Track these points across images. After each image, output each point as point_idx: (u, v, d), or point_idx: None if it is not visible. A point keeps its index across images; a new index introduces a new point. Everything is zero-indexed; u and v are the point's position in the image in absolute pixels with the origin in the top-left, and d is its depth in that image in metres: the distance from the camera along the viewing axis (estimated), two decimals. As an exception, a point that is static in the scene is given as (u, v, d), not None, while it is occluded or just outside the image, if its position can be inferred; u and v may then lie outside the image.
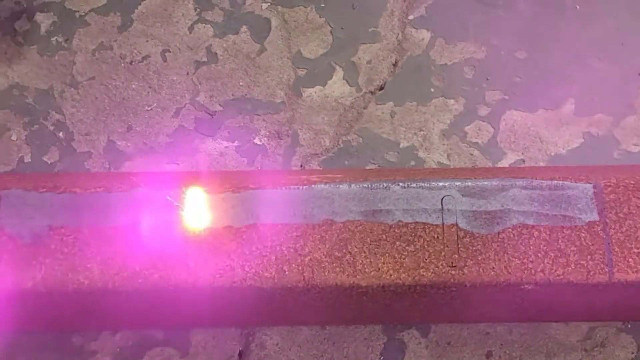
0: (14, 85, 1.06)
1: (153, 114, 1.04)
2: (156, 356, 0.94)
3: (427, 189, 0.85)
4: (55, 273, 0.81)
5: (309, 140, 1.03)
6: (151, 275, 0.82)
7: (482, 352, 0.93)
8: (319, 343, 0.94)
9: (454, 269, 0.82)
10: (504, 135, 1.03)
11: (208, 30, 1.08)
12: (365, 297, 0.84)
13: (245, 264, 0.82)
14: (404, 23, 1.09)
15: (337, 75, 1.06)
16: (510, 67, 1.06)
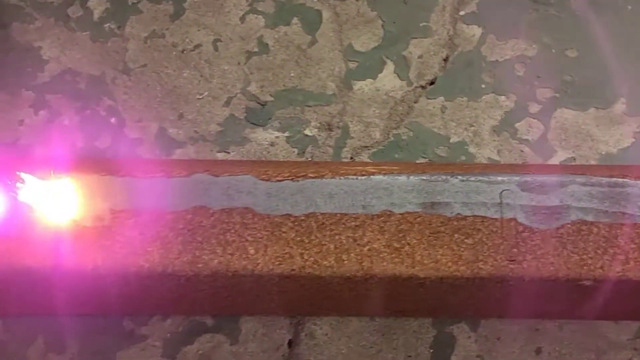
0: (66, 70, 1.06)
1: (204, 102, 1.05)
2: (206, 342, 0.94)
3: (486, 182, 0.85)
4: (115, 256, 0.82)
5: (360, 133, 1.03)
6: (211, 261, 0.82)
7: (532, 348, 0.94)
8: (368, 334, 0.95)
9: (513, 263, 0.82)
10: (555, 133, 1.03)
11: (260, 20, 1.09)
12: (422, 288, 0.84)
13: (304, 252, 0.83)
14: (455, 19, 1.09)
15: (388, 68, 1.06)
16: (561, 66, 1.06)
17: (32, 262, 0.82)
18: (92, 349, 0.94)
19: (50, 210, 0.82)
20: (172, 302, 0.91)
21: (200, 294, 0.87)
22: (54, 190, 0.82)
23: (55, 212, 0.82)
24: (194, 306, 0.93)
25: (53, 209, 0.82)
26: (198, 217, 0.83)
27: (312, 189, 0.85)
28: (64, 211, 0.82)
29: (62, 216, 0.82)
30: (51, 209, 0.82)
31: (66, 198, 0.83)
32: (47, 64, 1.06)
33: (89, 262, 0.82)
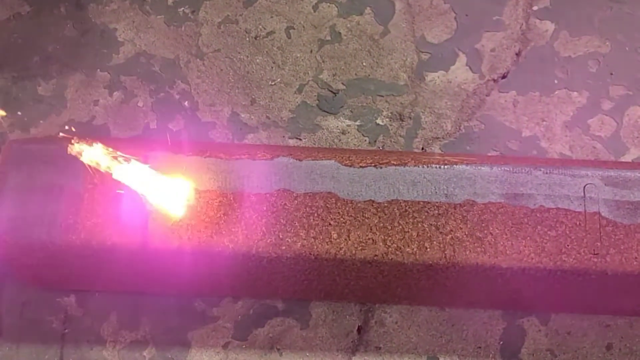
0: (141, 53, 1.07)
1: (276, 88, 1.06)
2: (277, 326, 0.95)
3: (570, 176, 0.85)
4: (200, 235, 0.83)
5: (431, 124, 1.04)
6: (294, 244, 0.83)
7: (602, 344, 0.94)
8: (438, 324, 0.95)
9: (597, 256, 0.82)
10: (627, 130, 1.02)
11: (332, 9, 1.09)
12: (502, 279, 0.85)
13: (387, 238, 0.83)
14: (528, 13, 1.09)
15: (461, 61, 1.06)
16: (634, 63, 1.05)
17: (118, 239, 0.83)
18: (164, 327, 0.95)
19: (141, 189, 0.83)
20: (246, 285, 0.92)
21: (279, 276, 0.88)
22: (148, 172, 0.83)
23: (145, 191, 0.83)
24: (267, 289, 0.94)
25: (143, 188, 0.83)
26: (282, 199, 0.84)
27: (395, 176, 0.85)
28: (153, 191, 0.83)
29: (152, 195, 0.83)
30: (142, 188, 0.83)
31: (156, 178, 0.84)
32: (122, 45, 1.08)
33: (175, 240, 0.83)
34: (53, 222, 0.82)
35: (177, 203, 0.84)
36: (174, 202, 0.84)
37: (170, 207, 0.84)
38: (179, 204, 0.84)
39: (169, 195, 0.84)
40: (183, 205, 0.84)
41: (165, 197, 0.84)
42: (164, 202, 0.84)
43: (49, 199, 0.82)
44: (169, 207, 0.84)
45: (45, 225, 0.81)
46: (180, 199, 0.84)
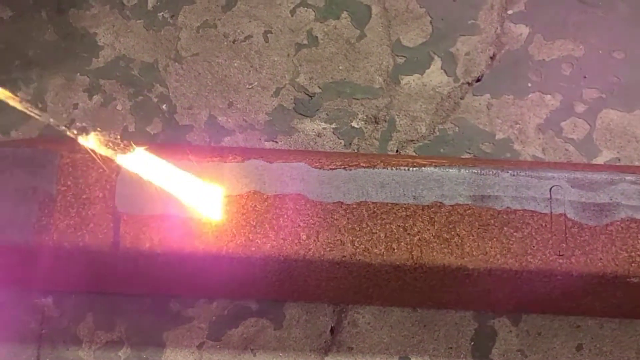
0: (120, 57, 1.09)
1: (253, 92, 1.07)
2: (251, 326, 0.96)
3: (536, 178, 0.86)
4: (172, 236, 0.84)
5: (406, 127, 1.05)
6: (263, 245, 0.84)
7: (573, 345, 0.94)
8: (410, 324, 0.96)
9: (561, 257, 0.83)
10: (600, 133, 1.03)
11: (310, 14, 1.11)
12: (469, 280, 0.86)
13: (355, 240, 0.84)
14: (503, 17, 1.10)
15: (436, 64, 1.07)
16: (608, 67, 1.07)
17: (90, 241, 0.84)
18: (139, 328, 0.96)
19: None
20: (219, 286, 0.94)
21: (250, 277, 0.89)
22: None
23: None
24: (240, 290, 0.95)
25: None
26: (252, 201, 0.85)
27: (364, 178, 0.86)
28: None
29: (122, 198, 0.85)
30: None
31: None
32: (102, 50, 1.09)
33: (146, 242, 0.84)
34: (26, 224, 0.83)
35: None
36: (149, 206, 0.85)
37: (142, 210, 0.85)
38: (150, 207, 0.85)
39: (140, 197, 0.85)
40: (154, 208, 0.85)
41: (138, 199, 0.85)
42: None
43: (22, 200, 0.84)
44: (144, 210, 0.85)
45: (18, 226, 0.83)
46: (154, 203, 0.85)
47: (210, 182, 0.86)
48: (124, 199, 0.85)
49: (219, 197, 0.86)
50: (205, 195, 0.86)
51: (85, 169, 0.86)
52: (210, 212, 0.85)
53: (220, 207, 0.85)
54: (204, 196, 0.86)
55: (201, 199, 0.86)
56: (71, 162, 0.86)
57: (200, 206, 0.85)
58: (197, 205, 0.85)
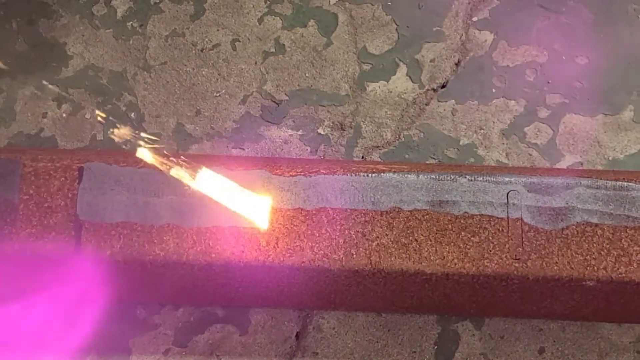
0: (89, 66, 1.10)
1: (221, 100, 1.08)
2: (216, 332, 0.97)
3: (494, 183, 0.87)
4: (132, 243, 0.85)
5: (371, 133, 1.06)
6: (224, 252, 0.85)
7: (535, 348, 0.95)
8: (374, 329, 0.97)
9: (518, 261, 0.84)
10: (563, 138, 1.05)
11: (277, 22, 1.12)
12: (428, 284, 0.87)
13: (315, 245, 0.85)
14: (468, 24, 1.11)
15: (401, 71, 1.09)
16: (571, 72, 1.08)
17: (53, 249, 0.85)
18: (105, 334, 0.97)
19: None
20: (185, 292, 0.94)
21: (213, 284, 0.90)
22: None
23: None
24: (205, 297, 0.96)
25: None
26: (213, 208, 0.86)
27: (324, 185, 0.87)
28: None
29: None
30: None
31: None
32: (71, 59, 1.10)
33: (107, 249, 0.85)
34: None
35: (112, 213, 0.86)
36: (109, 212, 0.86)
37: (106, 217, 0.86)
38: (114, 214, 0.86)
39: (104, 206, 0.86)
40: (117, 214, 0.86)
41: (100, 207, 0.86)
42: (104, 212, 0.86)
43: (-17, 209, 0.85)
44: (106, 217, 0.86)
45: (-21, 235, 0.84)
46: (115, 208, 0.86)
47: (173, 188, 0.87)
48: (86, 207, 0.86)
49: (183, 204, 0.87)
50: (169, 203, 0.87)
51: (47, 178, 0.87)
52: (175, 217, 0.86)
53: (186, 215, 0.86)
54: (168, 205, 0.87)
55: (165, 208, 0.87)
56: (33, 171, 0.87)
57: (164, 214, 0.86)
58: (161, 213, 0.86)
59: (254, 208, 0.86)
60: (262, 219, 0.85)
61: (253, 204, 0.86)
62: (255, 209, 0.86)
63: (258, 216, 0.86)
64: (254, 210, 0.86)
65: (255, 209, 0.86)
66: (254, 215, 0.86)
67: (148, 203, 0.86)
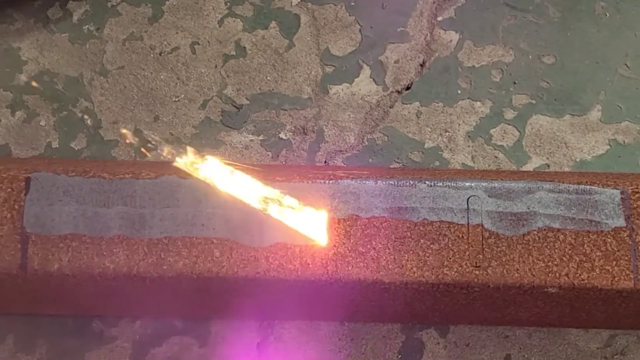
0: (44, 71, 1.07)
1: (180, 105, 1.05)
2: (175, 345, 0.94)
3: (454, 188, 0.85)
4: (81, 256, 0.82)
5: (334, 137, 1.03)
6: (176, 263, 0.83)
7: (501, 355, 0.93)
8: (337, 339, 0.94)
9: (478, 269, 0.82)
10: (529, 140, 1.02)
11: (238, 24, 1.09)
12: (387, 293, 0.84)
13: (270, 255, 0.83)
14: (433, 24, 1.09)
15: (365, 73, 1.06)
16: (537, 72, 1.06)
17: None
18: (61, 349, 0.94)
19: None
20: (141, 304, 0.92)
21: (168, 296, 0.87)
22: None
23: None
24: (164, 309, 0.93)
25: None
26: (164, 218, 0.84)
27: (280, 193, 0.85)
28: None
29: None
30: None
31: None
32: (25, 64, 1.07)
33: (54, 263, 0.82)
34: None
35: (60, 224, 0.83)
36: (56, 224, 0.83)
37: (53, 228, 0.83)
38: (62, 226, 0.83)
39: (51, 217, 0.83)
40: (65, 226, 0.83)
41: (48, 218, 0.83)
42: (46, 223, 0.83)
43: None
44: (51, 229, 0.83)
45: None
46: (62, 220, 0.84)
47: (123, 199, 0.84)
48: (33, 219, 0.83)
49: (134, 215, 0.84)
50: (119, 214, 0.84)
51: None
52: (125, 228, 0.83)
53: (137, 226, 0.84)
54: (118, 215, 0.84)
55: (115, 218, 0.84)
56: (-22, 183, 0.84)
57: (114, 225, 0.83)
58: (110, 225, 0.83)
59: (208, 217, 0.84)
60: (215, 228, 0.83)
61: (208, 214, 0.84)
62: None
63: (211, 225, 0.83)
64: (208, 220, 0.84)
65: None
66: (207, 224, 0.83)
67: (97, 214, 0.84)
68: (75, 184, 0.85)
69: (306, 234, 0.83)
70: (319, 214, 0.83)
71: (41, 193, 0.84)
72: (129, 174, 0.85)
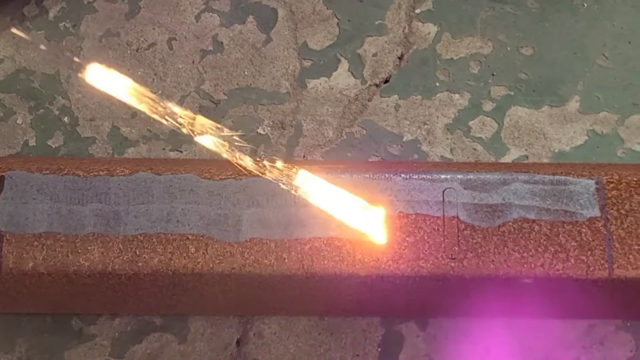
0: (21, 69, 1.06)
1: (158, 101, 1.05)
2: (154, 342, 0.94)
3: (429, 181, 0.85)
4: (56, 254, 0.82)
5: (313, 131, 1.03)
6: (151, 260, 0.82)
7: (481, 347, 0.93)
8: (317, 333, 0.94)
9: (454, 261, 0.82)
10: (508, 131, 1.02)
11: (215, 19, 1.08)
12: (364, 287, 0.84)
13: (245, 251, 0.82)
14: (411, 17, 1.08)
15: (343, 67, 1.06)
16: (516, 63, 1.05)
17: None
18: (40, 347, 0.94)
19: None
20: (119, 302, 0.91)
21: (145, 293, 0.87)
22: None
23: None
24: (142, 306, 0.93)
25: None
26: (139, 214, 0.83)
27: (254, 188, 0.84)
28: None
29: None
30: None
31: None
32: (1, 63, 1.06)
33: (29, 260, 0.82)
34: None
35: (34, 223, 0.83)
36: (30, 222, 0.83)
37: (27, 227, 0.83)
38: (36, 224, 0.83)
39: (25, 215, 0.83)
40: (39, 224, 0.83)
41: (22, 216, 0.83)
42: (20, 221, 0.83)
43: None
44: (25, 227, 0.83)
45: None
46: (36, 218, 0.83)
47: (97, 197, 0.84)
48: (7, 218, 0.83)
49: (109, 212, 0.84)
50: (93, 211, 0.83)
51: (-35, 189, 0.83)
52: (100, 225, 0.83)
53: (111, 223, 0.83)
54: (93, 213, 0.83)
55: (90, 216, 0.83)
56: (-49, 182, 0.83)
57: (88, 223, 0.83)
58: (85, 222, 0.83)
59: (183, 213, 0.83)
60: (190, 224, 0.83)
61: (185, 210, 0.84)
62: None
63: (186, 221, 0.83)
64: (183, 216, 0.83)
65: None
66: (182, 220, 0.83)
67: (72, 212, 0.83)
68: (50, 182, 0.84)
69: (281, 228, 0.83)
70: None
71: (15, 192, 0.84)
72: (103, 171, 0.85)
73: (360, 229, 0.82)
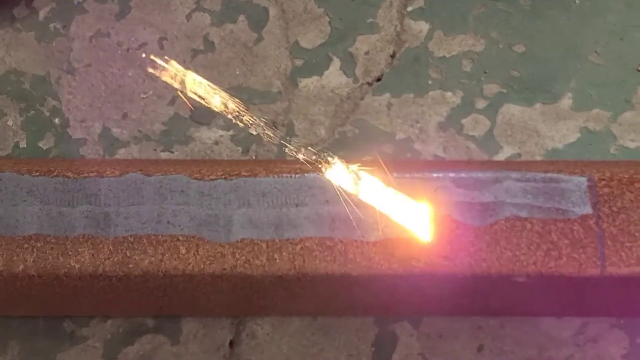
0: (11, 71, 1.06)
1: (149, 101, 1.04)
2: (147, 343, 0.94)
3: (421, 179, 0.84)
4: (46, 256, 0.82)
5: (305, 131, 1.03)
6: (141, 261, 0.82)
7: (474, 346, 0.93)
8: (310, 333, 0.94)
9: (446, 260, 0.81)
10: (501, 129, 1.02)
11: (205, 18, 1.08)
12: (356, 287, 0.84)
13: (236, 251, 0.82)
14: (403, 15, 1.08)
15: (334, 65, 1.05)
16: (508, 61, 1.05)
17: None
18: (32, 350, 0.93)
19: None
20: (111, 303, 0.91)
21: (136, 294, 0.86)
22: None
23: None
24: (134, 307, 0.92)
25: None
26: (130, 216, 0.83)
27: (245, 188, 0.84)
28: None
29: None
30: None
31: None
32: (-9, 64, 1.06)
33: (19, 263, 0.81)
34: None
35: (23, 225, 0.83)
36: (21, 224, 0.82)
37: (17, 229, 0.82)
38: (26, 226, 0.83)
39: (15, 217, 0.83)
40: (29, 227, 0.83)
41: (13, 218, 0.82)
42: (12, 223, 0.82)
43: None
44: (15, 229, 0.82)
45: None
46: (26, 220, 0.83)
47: (88, 197, 0.84)
48: (-3, 220, 0.82)
49: (99, 214, 0.83)
50: (84, 213, 0.83)
51: (-45, 191, 0.83)
52: (90, 227, 0.83)
53: (102, 225, 0.83)
54: (83, 214, 0.83)
55: (80, 218, 0.83)
56: (-60, 185, 0.83)
57: (79, 225, 0.83)
58: (75, 224, 0.83)
59: (174, 214, 0.83)
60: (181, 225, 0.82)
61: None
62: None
63: (177, 222, 0.82)
64: (174, 217, 0.83)
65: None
66: (173, 221, 0.82)
67: (62, 213, 0.83)
68: (40, 184, 0.84)
69: (272, 228, 0.82)
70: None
71: (5, 194, 0.83)
72: (93, 173, 0.85)
73: (351, 228, 0.81)
